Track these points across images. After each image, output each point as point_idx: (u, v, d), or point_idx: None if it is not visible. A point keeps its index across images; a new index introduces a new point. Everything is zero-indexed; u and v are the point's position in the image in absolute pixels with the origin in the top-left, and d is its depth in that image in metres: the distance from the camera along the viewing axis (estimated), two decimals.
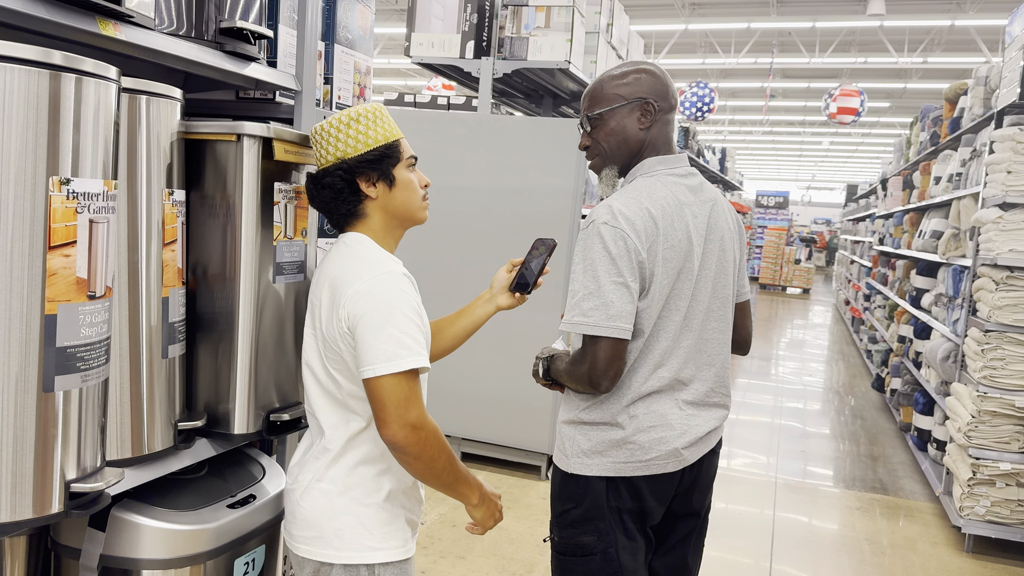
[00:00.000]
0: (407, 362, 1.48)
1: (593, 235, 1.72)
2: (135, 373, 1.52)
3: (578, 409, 1.82)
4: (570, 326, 1.73)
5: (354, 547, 1.58)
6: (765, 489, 4.91)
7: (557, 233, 4.50)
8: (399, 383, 1.48)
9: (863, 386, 8.50)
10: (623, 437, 1.78)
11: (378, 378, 1.48)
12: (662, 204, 1.77)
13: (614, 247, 1.70)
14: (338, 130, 1.57)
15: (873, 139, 26.05)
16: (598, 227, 1.72)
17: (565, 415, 1.86)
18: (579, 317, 1.70)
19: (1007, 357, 3.98)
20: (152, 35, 1.50)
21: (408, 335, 1.50)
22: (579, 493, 1.81)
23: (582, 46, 4.85)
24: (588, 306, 1.69)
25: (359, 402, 1.57)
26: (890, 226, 8.40)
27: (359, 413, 1.59)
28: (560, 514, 1.85)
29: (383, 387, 1.48)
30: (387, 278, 1.53)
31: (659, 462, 1.80)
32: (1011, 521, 4.02)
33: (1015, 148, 3.95)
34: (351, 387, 1.57)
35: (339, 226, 1.65)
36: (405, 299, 1.53)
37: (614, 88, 1.83)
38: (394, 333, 1.48)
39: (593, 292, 1.70)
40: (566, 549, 1.84)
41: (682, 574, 2.00)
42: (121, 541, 1.56)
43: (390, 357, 1.47)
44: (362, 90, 2.24)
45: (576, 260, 1.75)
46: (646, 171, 1.85)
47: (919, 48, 14.83)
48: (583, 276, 1.72)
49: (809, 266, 20.05)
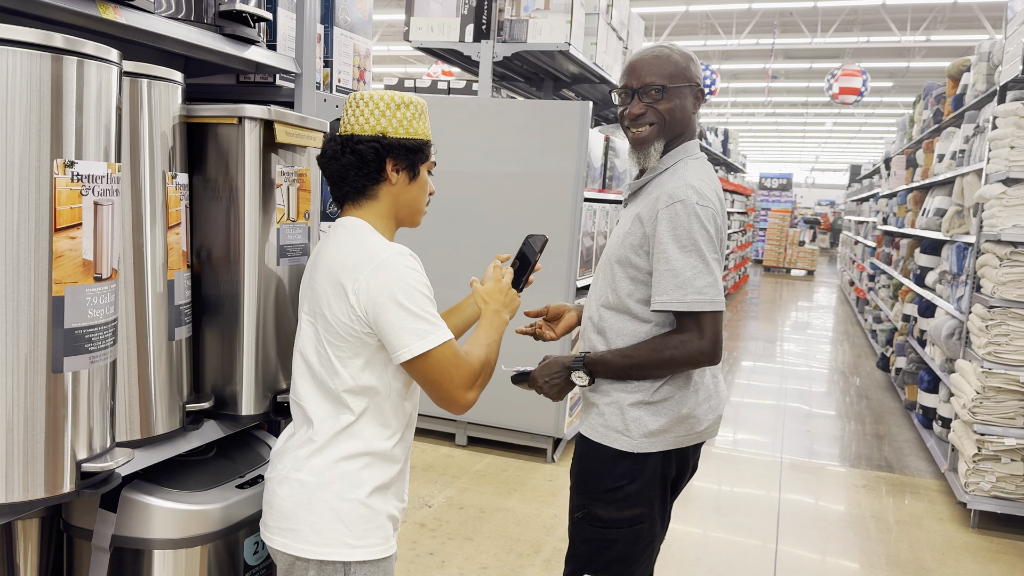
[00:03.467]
0: (437, 337, 1.52)
1: (690, 215, 1.78)
2: (142, 355, 1.54)
3: (648, 391, 1.88)
4: (685, 305, 1.77)
5: (330, 543, 1.54)
6: (771, 470, 4.93)
7: (559, 216, 4.50)
8: (440, 356, 1.52)
9: (868, 366, 8.51)
10: (688, 411, 1.90)
11: (418, 357, 1.50)
12: (717, 185, 1.91)
13: (711, 226, 1.80)
14: (387, 106, 1.58)
15: (877, 119, 25.92)
16: (693, 207, 1.78)
17: (630, 398, 1.89)
18: (695, 296, 1.76)
19: (1011, 333, 3.98)
20: (152, 18, 1.51)
21: (429, 312, 1.53)
22: (637, 470, 1.89)
23: (582, 28, 4.84)
24: (702, 284, 1.77)
25: (354, 396, 1.56)
26: (894, 205, 8.38)
27: (351, 407, 1.57)
28: (611, 490, 1.90)
29: (427, 364, 1.52)
30: (397, 259, 1.54)
31: (709, 431, 1.98)
32: (1016, 496, 4.03)
33: (1018, 123, 3.94)
34: (349, 380, 1.56)
35: (343, 200, 1.63)
36: (419, 278, 1.54)
37: (679, 67, 1.89)
38: (417, 311, 1.51)
39: (703, 271, 1.77)
40: (612, 522, 1.91)
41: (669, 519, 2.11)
42: (132, 521, 1.58)
43: (422, 335, 1.50)
44: (362, 73, 2.24)
45: (666, 239, 1.78)
46: (691, 153, 1.94)
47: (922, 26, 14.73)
48: (685, 255, 1.77)
49: (813, 248, 20.02)
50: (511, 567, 3.38)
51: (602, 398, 1.93)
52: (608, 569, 1.93)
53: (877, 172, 12.02)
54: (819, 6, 13.98)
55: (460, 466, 4.56)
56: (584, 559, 1.95)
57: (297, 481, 1.57)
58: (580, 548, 1.97)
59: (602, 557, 1.93)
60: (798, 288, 16.83)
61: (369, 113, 1.58)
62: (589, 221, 4.74)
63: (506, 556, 3.48)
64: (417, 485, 4.21)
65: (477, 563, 3.40)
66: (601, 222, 5.05)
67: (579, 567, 1.96)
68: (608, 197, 5.15)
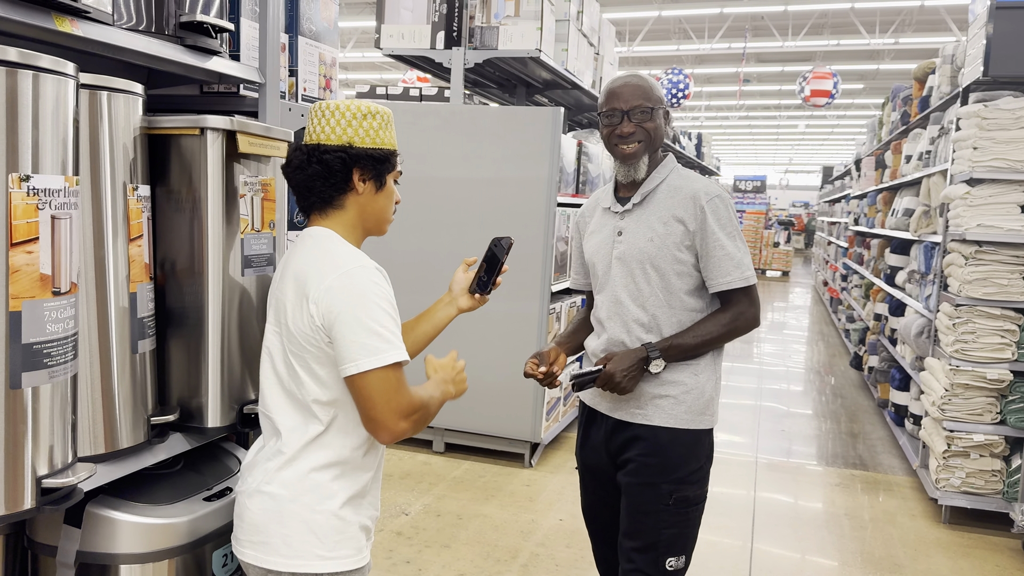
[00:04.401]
0: (390, 356, 1.48)
1: (726, 207, 2.11)
2: (105, 369, 1.52)
3: (713, 369, 2.17)
4: (745, 281, 2.09)
5: (302, 555, 1.53)
6: (746, 469, 4.97)
7: (532, 222, 4.52)
8: (385, 376, 1.48)
9: (842, 365, 8.60)
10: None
11: (363, 374, 1.47)
12: None
13: (735, 212, 2.15)
14: (353, 116, 1.57)
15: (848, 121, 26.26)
16: (727, 200, 2.12)
17: (709, 380, 2.15)
18: (749, 272, 2.10)
19: (977, 330, 4.04)
20: (110, 30, 1.50)
21: (386, 328, 1.50)
22: (710, 445, 2.19)
23: (552, 34, 4.86)
24: (748, 261, 2.12)
25: (321, 407, 1.55)
26: (864, 206, 8.49)
27: (320, 417, 1.56)
28: (696, 470, 2.13)
29: (370, 382, 1.48)
30: (359, 272, 1.52)
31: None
32: (986, 491, 4.09)
33: (980, 124, 4.01)
34: (316, 391, 1.54)
35: (310, 210, 1.62)
36: (380, 292, 1.52)
37: (658, 92, 2.18)
38: (373, 327, 1.48)
39: (746, 251, 2.12)
40: (697, 499, 2.14)
41: None
42: (97, 537, 1.57)
43: (373, 351, 1.47)
44: (328, 82, 2.24)
45: (714, 231, 2.08)
46: (674, 162, 2.23)
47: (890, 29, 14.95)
48: (732, 241, 2.09)
49: (788, 249, 20.21)
50: (488, 573, 3.38)
51: (673, 388, 2.12)
52: (687, 547, 2.15)
53: (848, 173, 12.17)
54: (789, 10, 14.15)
55: (437, 473, 4.55)
56: (668, 544, 2.11)
57: (267, 494, 1.55)
58: (664, 534, 2.11)
59: (684, 537, 2.14)
60: (773, 289, 16.98)
61: (336, 123, 1.57)
62: (563, 226, 4.76)
63: (483, 562, 3.48)
64: (394, 493, 4.20)
65: (454, 570, 3.39)
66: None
67: (662, 553, 2.11)
68: (582, 202, 5.17)
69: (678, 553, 2.12)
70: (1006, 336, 4.01)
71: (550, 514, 4.03)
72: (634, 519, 2.12)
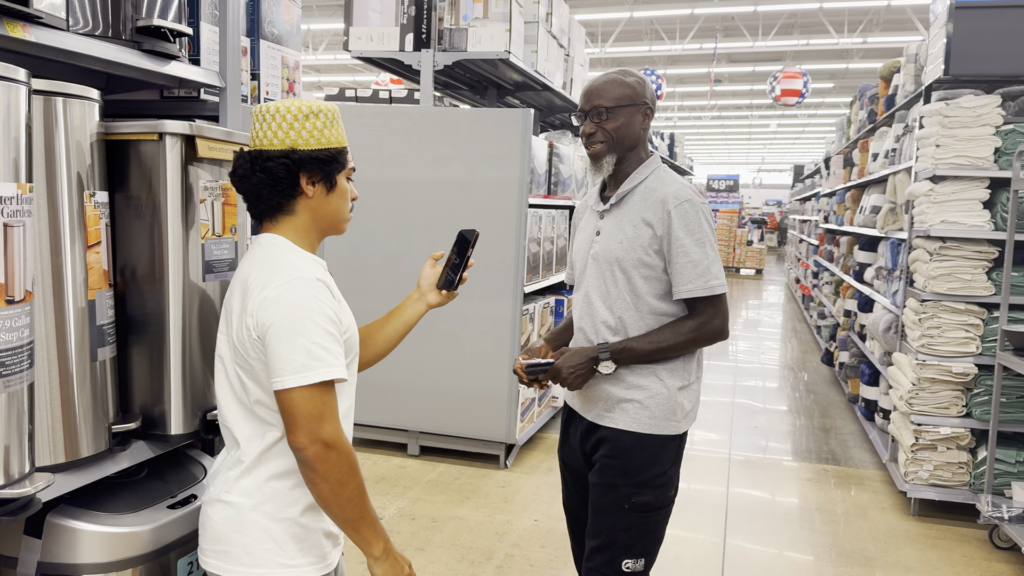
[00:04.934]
0: (318, 374, 1.43)
1: (697, 212, 2.04)
2: (64, 377, 1.51)
3: (684, 375, 2.12)
4: (709, 290, 2.03)
5: (264, 563, 1.51)
6: (719, 466, 5.01)
7: (505, 223, 4.53)
8: (311, 396, 1.43)
9: (814, 361, 8.70)
10: (699, 389, 2.18)
11: (288, 391, 1.42)
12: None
13: (711, 219, 2.09)
14: (295, 118, 1.51)
15: (819, 120, 26.54)
16: (698, 205, 2.05)
17: (674, 384, 2.10)
18: (715, 281, 2.04)
19: (943, 325, 4.11)
20: (64, 35, 1.49)
21: (319, 345, 1.44)
22: (676, 450, 2.15)
23: (522, 36, 4.88)
24: (716, 270, 2.05)
25: (268, 411, 1.52)
26: (833, 204, 8.59)
27: (273, 423, 1.53)
28: (658, 475, 2.10)
29: (293, 400, 1.42)
30: (297, 285, 1.46)
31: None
32: (953, 483, 4.16)
33: (942, 122, 4.08)
34: (259, 394, 1.51)
35: (261, 217, 1.58)
36: (317, 307, 1.46)
37: (625, 89, 2.11)
38: (304, 343, 1.43)
39: (715, 259, 2.05)
40: (656, 504, 2.11)
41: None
42: (59, 547, 1.55)
43: (299, 369, 1.42)
44: (291, 85, 2.24)
45: (682, 235, 2.03)
46: (659, 164, 2.18)
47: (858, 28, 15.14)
48: (700, 247, 2.03)
49: (761, 247, 20.39)
50: (463, 575, 3.38)
51: (641, 392, 2.10)
52: (646, 551, 2.12)
53: (818, 172, 12.31)
54: (759, 10, 14.28)
55: (412, 476, 4.54)
56: (624, 546, 2.10)
57: (228, 503, 1.53)
58: (621, 536, 2.10)
59: (644, 541, 2.11)
60: (747, 287, 17.12)
61: (277, 127, 1.51)
62: (535, 227, 4.77)
63: (458, 565, 3.48)
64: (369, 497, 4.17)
65: (429, 573, 3.39)
66: (548, 228, 5.09)
67: (618, 555, 2.09)
68: (554, 203, 5.19)
69: (636, 556, 2.09)
70: (970, 330, 4.08)
71: (525, 515, 4.04)
72: (595, 518, 2.14)
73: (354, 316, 1.64)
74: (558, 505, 4.20)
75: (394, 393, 4.84)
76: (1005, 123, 4.03)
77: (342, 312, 1.56)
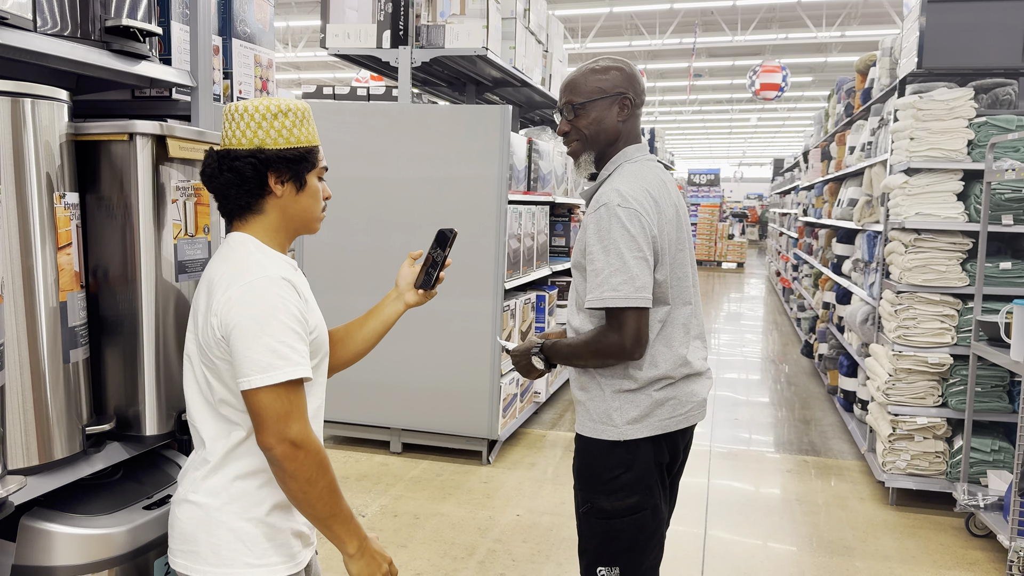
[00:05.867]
0: (284, 373, 1.42)
1: (611, 217, 1.88)
2: (36, 379, 1.50)
3: (624, 379, 1.97)
4: (601, 302, 1.88)
5: (231, 563, 1.51)
6: (700, 459, 5.04)
7: (484, 220, 4.53)
8: (277, 396, 1.42)
9: (794, 353, 8.77)
10: (667, 396, 1.99)
11: (255, 390, 1.42)
12: (655, 184, 1.99)
13: (631, 226, 1.88)
14: (263, 117, 1.50)
15: (799, 113, 26.71)
16: (614, 209, 1.88)
17: (609, 388, 1.99)
18: (610, 292, 1.86)
19: (918, 316, 4.16)
20: (30, 36, 1.48)
21: (285, 344, 1.44)
22: (630, 458, 1.98)
23: (499, 32, 4.88)
24: (616, 281, 1.86)
25: (233, 410, 1.52)
26: (812, 197, 8.66)
27: (238, 423, 1.52)
28: (608, 481, 1.99)
29: (260, 400, 1.42)
30: (262, 284, 1.45)
31: (692, 413, 2.07)
32: (930, 472, 4.21)
33: (916, 115, 4.12)
34: (223, 393, 1.51)
35: (230, 216, 1.58)
36: (283, 305, 1.46)
37: (596, 81, 2.01)
38: (269, 343, 1.42)
39: (619, 268, 1.86)
40: (615, 513, 1.99)
41: (673, 506, 2.24)
42: (32, 550, 1.55)
43: (265, 368, 1.41)
44: (264, 83, 2.23)
45: (591, 242, 1.91)
46: (629, 158, 2.04)
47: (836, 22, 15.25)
48: (605, 255, 1.88)
49: (742, 240, 20.51)
50: (445, 571, 3.39)
51: (583, 394, 2.04)
52: (619, 560, 2.01)
53: (797, 165, 12.39)
54: (738, 5, 14.35)
55: (395, 473, 4.54)
56: (595, 553, 2.04)
57: (194, 503, 1.53)
58: (590, 543, 2.05)
59: (612, 548, 2.02)
60: (729, 280, 17.22)
61: (245, 126, 1.50)
62: (515, 223, 4.78)
63: (440, 561, 3.49)
64: (351, 495, 4.18)
65: (411, 570, 3.40)
66: (528, 224, 5.10)
67: (592, 561, 2.04)
68: (534, 199, 5.20)
69: (608, 564, 2.02)
70: (945, 321, 4.13)
71: (507, 510, 4.05)
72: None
73: (334, 315, 1.65)
74: (540, 500, 4.23)
75: (376, 391, 4.83)
76: (978, 115, 4.08)
77: (309, 312, 1.56)
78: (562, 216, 6.16)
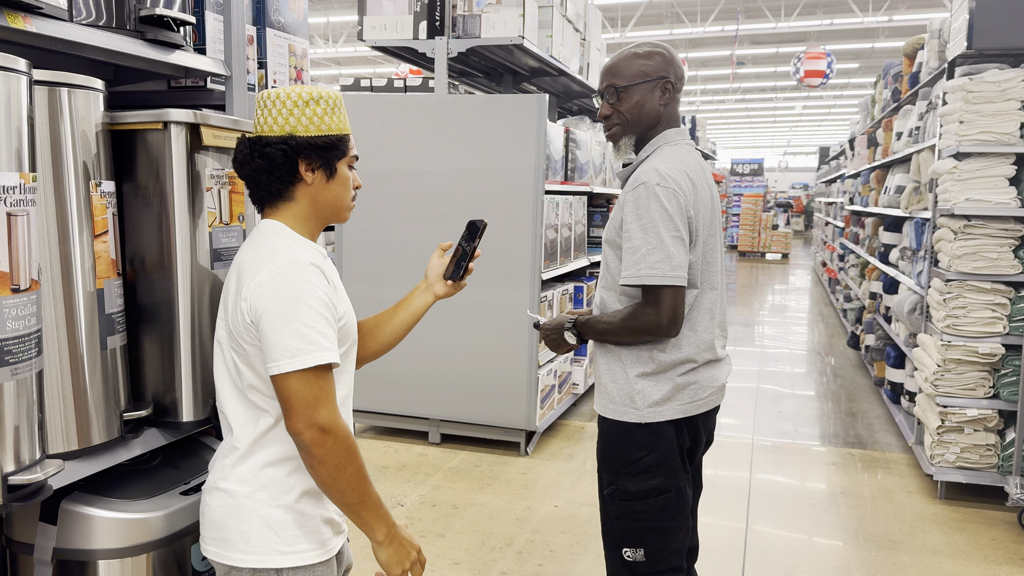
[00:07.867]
0: (313, 358, 1.43)
1: (649, 195, 1.91)
2: (74, 365, 1.52)
3: (648, 362, 2.00)
4: (638, 279, 1.91)
5: (261, 550, 1.51)
6: (743, 452, 4.97)
7: (521, 210, 4.51)
8: (306, 380, 1.43)
9: (840, 345, 8.60)
10: (688, 380, 2.02)
11: (284, 375, 1.42)
12: (693, 167, 2.02)
13: (670, 205, 1.91)
14: (295, 104, 1.51)
15: (845, 100, 26.15)
16: (652, 188, 1.91)
17: (633, 371, 2.01)
18: (647, 270, 1.90)
19: (968, 305, 4.03)
20: (65, 26, 1.49)
21: (314, 329, 1.44)
22: (652, 440, 2.01)
23: (536, 21, 4.85)
24: (654, 259, 1.89)
25: (261, 396, 1.53)
26: (858, 185, 8.47)
27: (267, 409, 1.53)
28: (631, 463, 2.01)
29: (289, 385, 1.43)
30: (292, 268, 1.46)
31: (713, 398, 2.09)
32: (980, 466, 4.09)
33: (966, 98, 3.99)
34: (252, 378, 1.51)
35: (261, 203, 1.59)
36: (312, 291, 1.46)
37: (639, 65, 2.04)
38: (298, 327, 1.43)
39: (656, 247, 1.89)
40: (639, 494, 2.02)
41: (699, 491, 2.31)
42: (73, 533, 1.57)
43: (295, 353, 1.42)
44: (299, 73, 2.24)
45: (629, 220, 1.94)
46: (668, 140, 2.07)
47: (884, 6, 14.86)
48: (643, 233, 1.91)
49: (787, 231, 20.16)
50: (483, 561, 3.39)
51: (605, 376, 2.06)
52: (644, 541, 2.03)
53: (843, 153, 12.13)
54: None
55: (433, 464, 4.56)
56: (620, 534, 2.06)
57: (224, 491, 1.54)
58: (615, 524, 2.07)
59: (636, 530, 2.03)
60: (773, 272, 16.96)
61: (277, 113, 1.51)
62: (552, 213, 4.75)
63: (478, 551, 3.49)
64: (390, 484, 4.21)
65: (449, 559, 3.40)
66: (565, 214, 5.07)
67: (617, 542, 2.06)
68: (571, 189, 5.16)
69: (634, 545, 2.04)
70: (997, 310, 4.00)
71: (546, 501, 4.04)
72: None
73: (371, 305, 1.66)
74: (579, 491, 4.21)
75: (414, 382, 4.85)
76: None
77: (337, 299, 1.56)
78: (600, 206, 6.11)
